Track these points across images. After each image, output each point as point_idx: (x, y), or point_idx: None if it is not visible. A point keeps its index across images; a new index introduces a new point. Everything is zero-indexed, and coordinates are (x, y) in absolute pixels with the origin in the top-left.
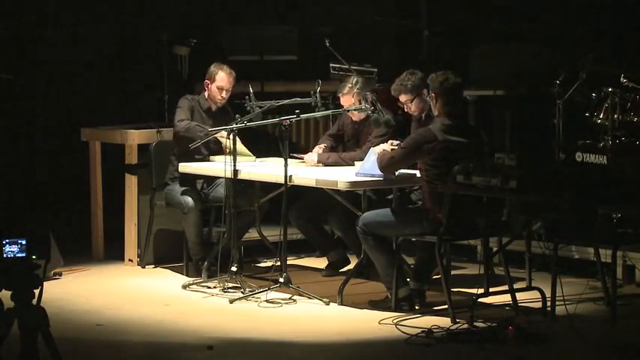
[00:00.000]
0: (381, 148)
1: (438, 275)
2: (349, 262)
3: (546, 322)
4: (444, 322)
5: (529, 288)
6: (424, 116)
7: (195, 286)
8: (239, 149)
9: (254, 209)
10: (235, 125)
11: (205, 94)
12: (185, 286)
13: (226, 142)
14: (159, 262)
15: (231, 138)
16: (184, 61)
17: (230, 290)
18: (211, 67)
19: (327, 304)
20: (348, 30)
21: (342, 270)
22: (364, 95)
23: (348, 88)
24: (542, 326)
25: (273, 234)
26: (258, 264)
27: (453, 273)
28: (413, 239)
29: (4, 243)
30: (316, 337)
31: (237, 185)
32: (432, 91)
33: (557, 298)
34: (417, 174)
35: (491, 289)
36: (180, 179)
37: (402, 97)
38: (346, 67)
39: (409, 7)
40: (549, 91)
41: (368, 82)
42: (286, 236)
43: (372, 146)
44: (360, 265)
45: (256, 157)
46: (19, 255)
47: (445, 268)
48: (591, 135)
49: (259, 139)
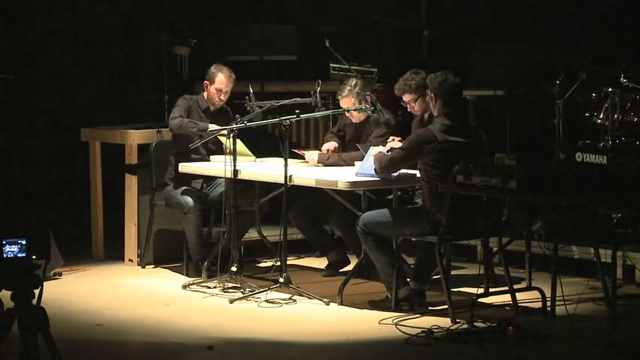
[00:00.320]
0: (378, 150)
1: (438, 275)
2: (349, 262)
3: (546, 322)
4: (444, 322)
5: (529, 288)
6: (427, 116)
7: (195, 286)
8: (239, 149)
9: (254, 209)
10: (235, 125)
11: (204, 94)
12: (185, 286)
13: (226, 142)
14: (159, 262)
15: (232, 138)
16: (184, 61)
17: (230, 290)
18: (211, 68)
19: (327, 304)
20: (348, 30)
21: (342, 270)
22: (364, 95)
23: (347, 90)
24: (542, 326)
25: (273, 234)
26: (258, 264)
27: (453, 273)
28: (413, 239)
29: (4, 243)
30: (316, 337)
31: (237, 185)
32: (431, 92)
33: (557, 298)
34: (417, 174)
35: (491, 289)
36: (176, 179)
37: (406, 97)
38: (346, 67)
39: (409, 7)
40: (549, 91)
41: (367, 83)
42: (286, 236)
43: (372, 146)
44: (360, 265)
45: (256, 157)
46: (19, 255)
47: (445, 268)
48: (591, 135)
49: (259, 139)
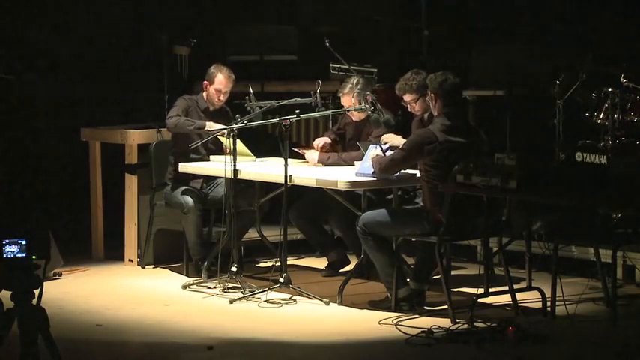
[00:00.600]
0: (375, 153)
1: (438, 275)
2: (349, 262)
3: (546, 322)
4: (444, 322)
5: (529, 288)
6: (426, 116)
7: (195, 286)
8: (239, 149)
9: (254, 209)
10: (235, 125)
11: (204, 94)
12: (185, 286)
13: (226, 142)
14: (159, 262)
15: (231, 138)
16: (184, 61)
17: (230, 290)
18: (211, 68)
19: (327, 304)
20: (348, 30)
21: (342, 270)
22: (364, 95)
23: (349, 87)
24: (542, 326)
25: (273, 234)
26: (258, 264)
27: (453, 273)
28: (413, 239)
29: (4, 243)
30: (316, 337)
31: (237, 185)
32: (431, 92)
33: (557, 298)
34: (417, 174)
35: (491, 289)
36: (175, 179)
37: (407, 97)
38: (346, 67)
39: (409, 7)
40: (549, 91)
41: (369, 82)
42: (286, 236)
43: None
44: (360, 265)
45: (256, 157)
46: (19, 255)
47: (445, 268)
48: (591, 135)
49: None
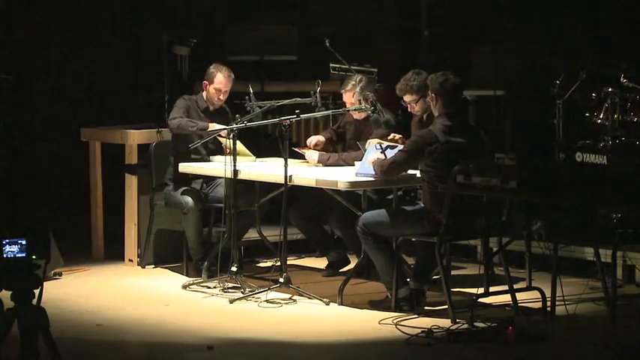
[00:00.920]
0: (375, 156)
1: (438, 275)
2: (349, 262)
3: (546, 322)
4: (444, 322)
5: (529, 288)
6: (425, 117)
7: (195, 286)
8: (239, 149)
9: (254, 209)
10: (235, 125)
11: (203, 94)
12: (185, 286)
13: (226, 142)
14: (159, 262)
15: (232, 138)
16: (184, 61)
17: (230, 290)
18: (210, 67)
19: (327, 304)
20: (348, 30)
21: (342, 270)
22: (364, 95)
23: (351, 85)
24: (542, 326)
25: (273, 234)
26: (258, 264)
27: (453, 273)
28: (413, 239)
29: (4, 243)
30: (316, 337)
31: (237, 185)
32: (432, 92)
33: (557, 298)
34: (417, 174)
35: (491, 289)
36: (175, 179)
37: (407, 97)
38: (346, 67)
39: (409, 7)
40: (549, 91)
41: (371, 81)
42: (286, 236)
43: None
44: (360, 265)
45: (256, 157)
46: (19, 255)
47: (445, 268)
48: (591, 135)
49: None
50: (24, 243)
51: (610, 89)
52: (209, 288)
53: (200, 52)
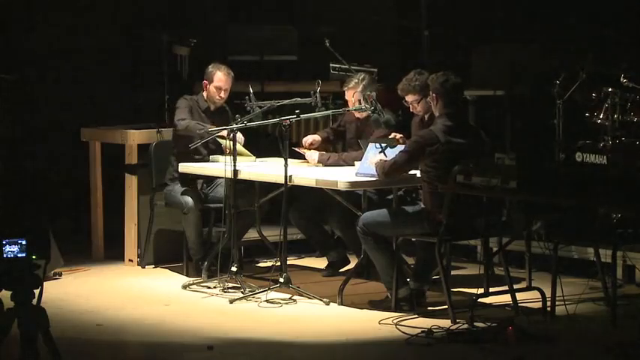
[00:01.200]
0: (378, 158)
1: (437, 275)
2: (349, 262)
3: (546, 322)
4: (444, 322)
5: (529, 288)
6: (427, 117)
7: (195, 286)
8: (239, 149)
9: (254, 209)
10: (235, 125)
11: (204, 94)
12: (185, 286)
13: (226, 143)
14: (159, 262)
15: (232, 138)
16: (184, 61)
17: (230, 290)
18: (209, 67)
19: (327, 304)
20: (348, 30)
21: (342, 270)
22: (365, 95)
23: (354, 82)
24: (542, 326)
25: (273, 234)
26: (258, 264)
27: (453, 273)
28: (413, 239)
29: (4, 243)
30: (316, 337)
31: (237, 185)
32: (433, 92)
33: (557, 298)
34: (417, 174)
35: (491, 289)
36: (181, 179)
37: (410, 97)
38: (346, 67)
39: (409, 7)
40: (549, 91)
41: (374, 81)
42: (286, 236)
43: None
44: (360, 265)
45: (256, 157)
46: (19, 255)
47: (445, 268)
48: (591, 135)
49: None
50: (24, 243)
51: (610, 89)
52: (209, 288)
53: (200, 52)
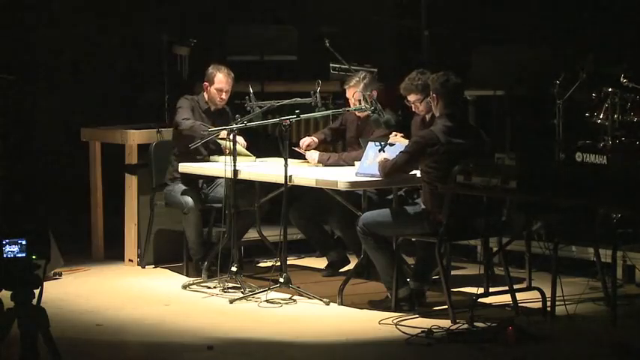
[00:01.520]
0: (382, 156)
1: (437, 275)
2: (349, 262)
3: (546, 322)
4: (444, 322)
5: (529, 288)
6: (428, 117)
7: (195, 286)
8: (239, 150)
9: (254, 209)
10: (235, 125)
11: (205, 95)
12: (185, 286)
13: (226, 143)
14: (159, 262)
15: (232, 138)
16: (184, 61)
17: (230, 290)
18: (209, 68)
19: (327, 304)
20: (348, 30)
21: (342, 270)
22: (365, 95)
23: (355, 81)
24: (542, 326)
25: (273, 234)
26: (258, 264)
27: (453, 273)
28: (413, 239)
29: (4, 243)
30: (316, 337)
31: (237, 185)
32: (433, 92)
33: (557, 298)
34: (418, 174)
35: (491, 289)
36: (182, 179)
37: (412, 97)
38: (346, 67)
39: (409, 7)
40: (549, 91)
41: (375, 80)
42: (286, 236)
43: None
44: (360, 265)
45: (256, 157)
46: (19, 255)
47: (445, 268)
48: (591, 135)
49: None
50: (24, 243)
51: (610, 89)
52: (209, 288)
53: (200, 52)
